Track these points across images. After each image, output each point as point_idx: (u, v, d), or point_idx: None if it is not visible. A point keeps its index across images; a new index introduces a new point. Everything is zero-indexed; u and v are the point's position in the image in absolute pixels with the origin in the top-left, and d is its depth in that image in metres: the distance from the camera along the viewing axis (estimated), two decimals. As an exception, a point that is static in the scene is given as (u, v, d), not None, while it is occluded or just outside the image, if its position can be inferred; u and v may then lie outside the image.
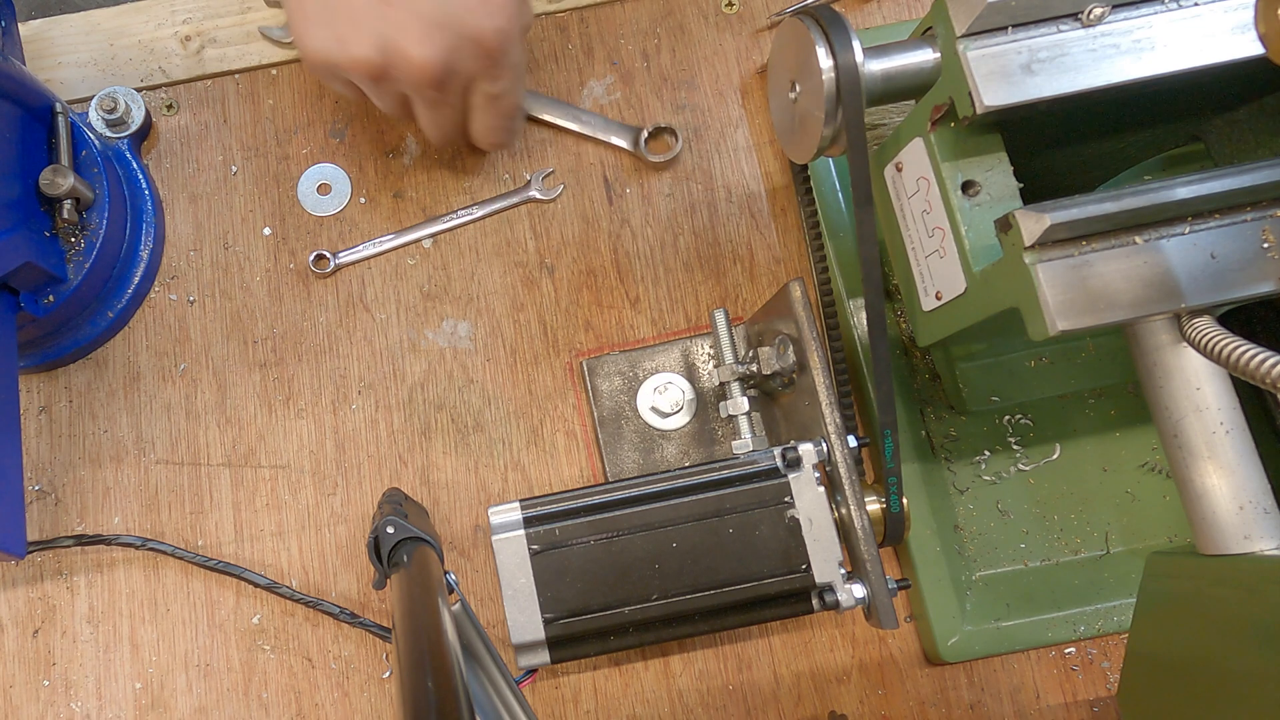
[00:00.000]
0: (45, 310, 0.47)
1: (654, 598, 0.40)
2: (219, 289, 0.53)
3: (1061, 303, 0.33)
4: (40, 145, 0.48)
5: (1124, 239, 0.33)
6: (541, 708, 0.48)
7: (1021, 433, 0.50)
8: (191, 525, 0.50)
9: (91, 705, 0.48)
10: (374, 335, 0.52)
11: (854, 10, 0.56)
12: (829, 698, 0.48)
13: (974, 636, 0.46)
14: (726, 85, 0.55)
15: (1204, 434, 0.35)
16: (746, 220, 0.54)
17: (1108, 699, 0.48)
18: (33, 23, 0.56)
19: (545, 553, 0.41)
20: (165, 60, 0.55)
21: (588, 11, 0.56)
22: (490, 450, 0.51)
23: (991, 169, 0.38)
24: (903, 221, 0.43)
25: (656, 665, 0.49)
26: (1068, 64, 0.35)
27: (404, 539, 0.39)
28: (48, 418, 0.52)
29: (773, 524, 0.41)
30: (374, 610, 0.49)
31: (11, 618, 0.50)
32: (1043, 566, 0.48)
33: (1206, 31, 0.35)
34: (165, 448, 0.51)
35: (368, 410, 0.52)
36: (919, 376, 0.50)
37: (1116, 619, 0.46)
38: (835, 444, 0.41)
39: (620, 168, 0.54)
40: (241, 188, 0.54)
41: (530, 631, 0.40)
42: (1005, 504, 0.49)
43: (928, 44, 0.37)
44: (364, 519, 0.50)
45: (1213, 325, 0.33)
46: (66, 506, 0.51)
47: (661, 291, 0.53)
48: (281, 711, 0.48)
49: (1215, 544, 0.35)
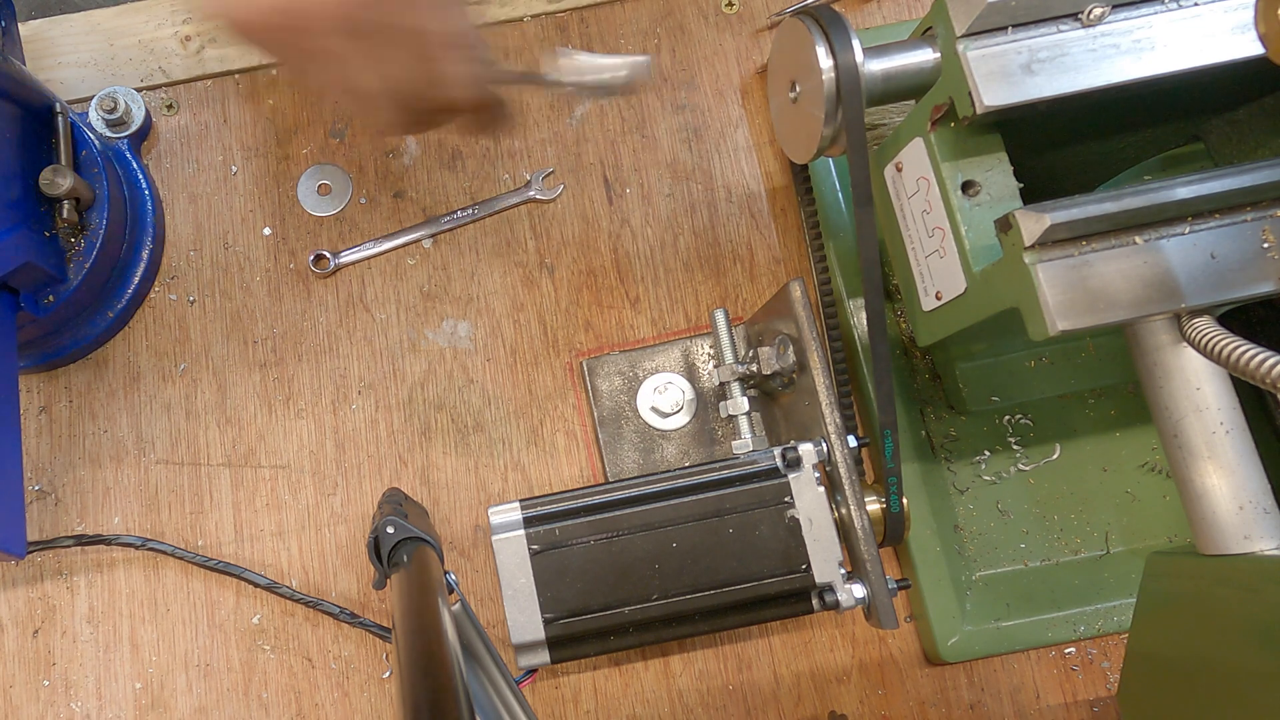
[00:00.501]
0: (45, 310, 0.47)
1: (654, 598, 0.40)
2: (219, 289, 0.53)
3: (1061, 303, 0.33)
4: (40, 145, 0.48)
5: (1124, 239, 0.33)
6: (541, 708, 0.48)
7: (1021, 433, 0.50)
8: (191, 525, 0.50)
9: (91, 705, 0.48)
10: (374, 335, 0.52)
11: (854, 10, 0.56)
12: (829, 698, 0.48)
13: (974, 636, 0.46)
14: (726, 85, 0.55)
15: (1204, 434, 0.35)
16: (746, 220, 0.54)
17: (1108, 699, 0.48)
18: (33, 23, 0.56)
19: (545, 553, 0.41)
20: (165, 60, 0.55)
21: (588, 11, 0.56)
22: (490, 450, 0.51)
23: (991, 169, 0.38)
24: (903, 221, 0.43)
25: (656, 665, 0.49)
26: (1068, 64, 0.35)
27: (404, 539, 0.39)
28: (48, 418, 0.52)
29: (773, 524, 0.41)
30: (374, 610, 0.49)
31: (11, 618, 0.50)
32: (1043, 566, 0.48)
33: (1206, 31, 0.35)
34: (165, 448, 0.51)
35: (368, 410, 0.52)
36: (919, 376, 0.50)
37: (1116, 619, 0.46)
38: (835, 444, 0.41)
39: (620, 167, 0.54)
40: (241, 188, 0.54)
41: (530, 631, 0.40)
42: (1005, 504, 0.49)
43: (928, 44, 0.37)
44: (364, 519, 0.50)
45: (1213, 325, 0.32)
46: (66, 506, 0.51)
47: (661, 291, 0.53)
48: (281, 711, 0.48)
49: (1215, 544, 0.35)
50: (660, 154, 0.54)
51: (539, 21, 0.56)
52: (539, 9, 0.56)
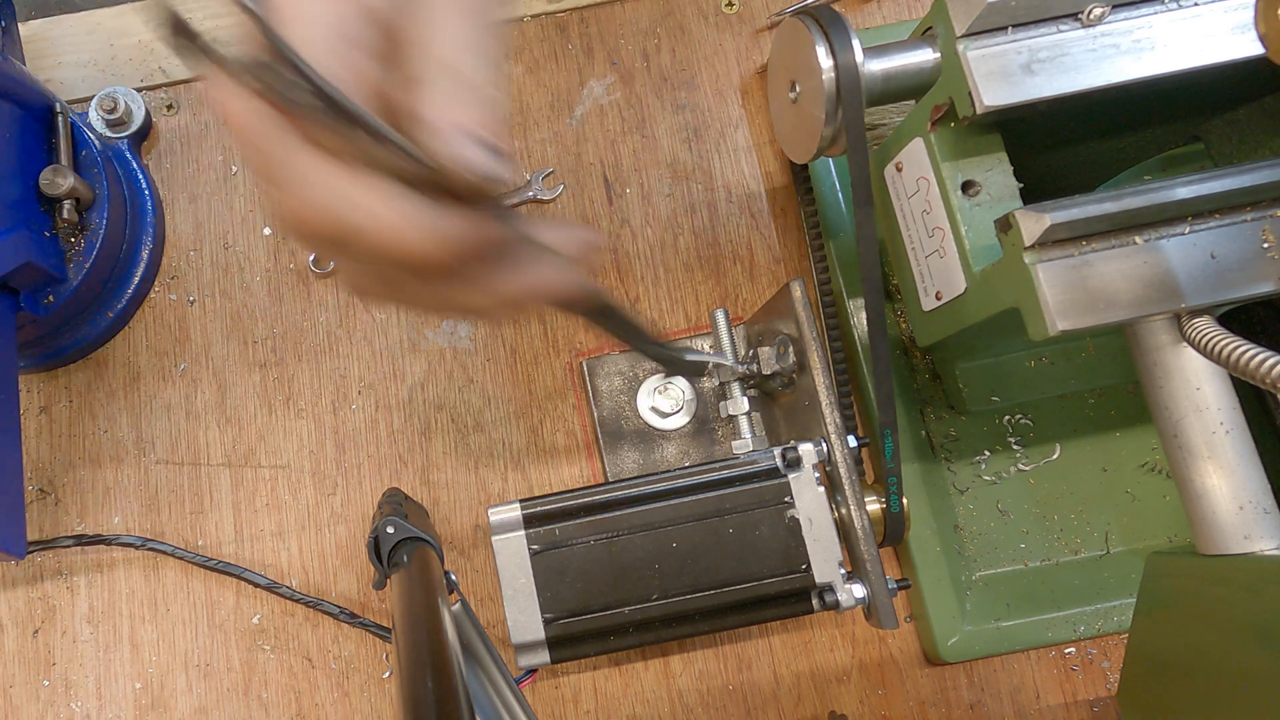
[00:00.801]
0: (45, 310, 0.47)
1: (654, 598, 0.40)
2: (219, 289, 0.53)
3: (1061, 303, 0.33)
4: (40, 145, 0.48)
5: (1124, 239, 0.33)
6: (541, 708, 0.48)
7: (1021, 433, 0.50)
8: (191, 525, 0.50)
9: (91, 705, 0.48)
10: (374, 335, 0.52)
11: (854, 10, 0.56)
12: (829, 698, 0.48)
13: (974, 636, 0.46)
14: (726, 85, 0.55)
15: (1204, 434, 0.35)
16: (746, 220, 0.54)
17: (1108, 699, 0.48)
18: (33, 23, 0.56)
19: (545, 553, 0.41)
20: (165, 60, 0.55)
21: (588, 11, 0.56)
22: (490, 450, 0.51)
23: (991, 169, 0.38)
24: (903, 221, 0.43)
25: (656, 665, 0.49)
26: (1068, 64, 0.35)
27: (404, 539, 0.39)
28: (48, 418, 0.52)
29: (773, 524, 0.41)
30: (374, 610, 0.49)
31: (11, 618, 0.50)
32: (1043, 566, 0.48)
33: (1206, 31, 0.35)
34: (165, 448, 0.51)
35: (368, 410, 0.52)
36: (919, 376, 0.50)
37: (1116, 619, 0.46)
38: (835, 444, 0.41)
39: (620, 167, 0.54)
40: (241, 188, 0.54)
41: (530, 631, 0.40)
42: (1005, 504, 0.49)
43: (928, 44, 0.37)
44: (364, 519, 0.50)
45: (1213, 325, 0.33)
46: (66, 506, 0.51)
47: (661, 291, 0.53)
48: (281, 711, 0.48)
49: (1215, 544, 0.35)
50: (660, 154, 0.54)
51: (539, 21, 0.56)
52: (539, 9, 0.56)
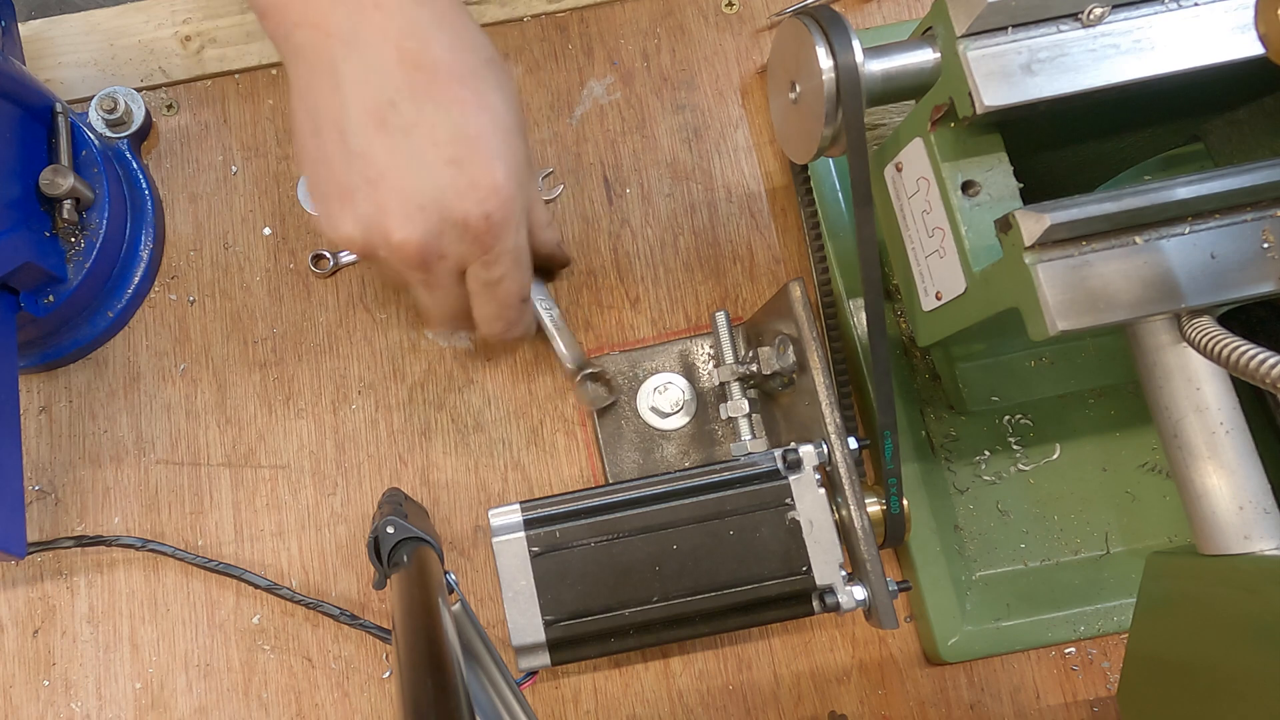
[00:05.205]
0: (45, 310, 0.47)
1: (654, 600, 0.40)
2: (219, 289, 0.53)
3: (1061, 303, 0.33)
4: (40, 145, 0.48)
5: (1124, 239, 0.33)
6: (541, 708, 0.48)
7: (1021, 433, 0.50)
8: (191, 525, 0.50)
9: (91, 705, 0.48)
10: (374, 335, 0.52)
11: (854, 10, 0.56)
12: (829, 698, 0.48)
13: (974, 636, 0.46)
14: (726, 85, 0.55)
15: (1204, 434, 0.35)
16: (746, 220, 0.54)
17: (1108, 699, 0.48)
18: (33, 23, 0.56)
19: (546, 555, 0.41)
20: (165, 60, 0.55)
21: (588, 11, 0.56)
22: (490, 450, 0.51)
23: (991, 169, 0.38)
24: (903, 221, 0.43)
25: (657, 665, 0.49)
26: (1068, 64, 0.35)
27: (404, 539, 0.39)
28: (48, 418, 0.52)
29: (773, 526, 0.41)
30: (374, 610, 0.49)
31: (11, 618, 0.50)
32: (1043, 566, 0.48)
33: (1206, 31, 0.35)
34: (165, 448, 0.51)
35: (368, 410, 0.52)
36: (919, 376, 0.50)
37: (1116, 619, 0.46)
38: (835, 445, 0.41)
39: (620, 167, 0.54)
40: (241, 188, 0.54)
41: (531, 634, 0.40)
42: (1005, 504, 0.49)
43: (928, 44, 0.37)
44: (364, 519, 0.50)
45: (1213, 325, 0.32)
46: (66, 507, 0.51)
47: (661, 291, 0.53)
48: (281, 711, 0.48)
49: (1215, 544, 0.35)
50: (660, 154, 0.54)
51: (539, 21, 0.56)
52: (539, 9, 0.56)
